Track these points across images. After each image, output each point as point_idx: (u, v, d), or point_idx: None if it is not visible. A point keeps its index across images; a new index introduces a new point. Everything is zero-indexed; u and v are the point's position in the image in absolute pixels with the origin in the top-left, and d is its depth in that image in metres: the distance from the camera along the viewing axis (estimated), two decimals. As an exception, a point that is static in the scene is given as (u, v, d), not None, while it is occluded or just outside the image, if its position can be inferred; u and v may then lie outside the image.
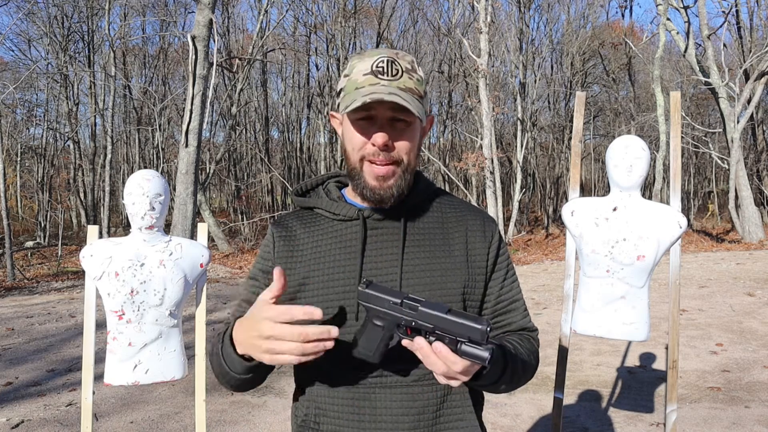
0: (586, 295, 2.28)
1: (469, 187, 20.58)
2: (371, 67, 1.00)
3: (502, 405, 3.99)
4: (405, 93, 0.99)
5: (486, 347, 0.82)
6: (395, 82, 0.99)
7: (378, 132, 1.00)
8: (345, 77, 1.04)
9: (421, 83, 1.04)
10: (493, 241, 1.13)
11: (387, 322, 0.90)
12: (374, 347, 0.92)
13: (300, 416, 1.09)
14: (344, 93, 1.03)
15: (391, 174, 1.02)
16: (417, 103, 1.00)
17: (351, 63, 1.04)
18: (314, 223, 1.12)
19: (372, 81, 0.99)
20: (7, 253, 11.16)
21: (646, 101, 22.57)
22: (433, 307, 0.85)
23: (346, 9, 21.71)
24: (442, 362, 0.84)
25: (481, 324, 0.81)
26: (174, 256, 2.09)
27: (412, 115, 1.00)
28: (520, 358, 1.04)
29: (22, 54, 22.66)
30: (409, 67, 1.03)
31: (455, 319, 0.83)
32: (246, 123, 24.25)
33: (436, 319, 0.84)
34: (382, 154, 1.01)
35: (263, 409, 4.05)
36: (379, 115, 1.00)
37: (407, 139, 1.03)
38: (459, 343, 0.82)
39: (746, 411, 3.75)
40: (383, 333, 0.91)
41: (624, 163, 2.22)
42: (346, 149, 1.06)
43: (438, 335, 0.84)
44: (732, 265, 9.92)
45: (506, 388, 1.02)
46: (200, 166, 11.87)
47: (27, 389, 4.55)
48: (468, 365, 0.84)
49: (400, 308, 0.88)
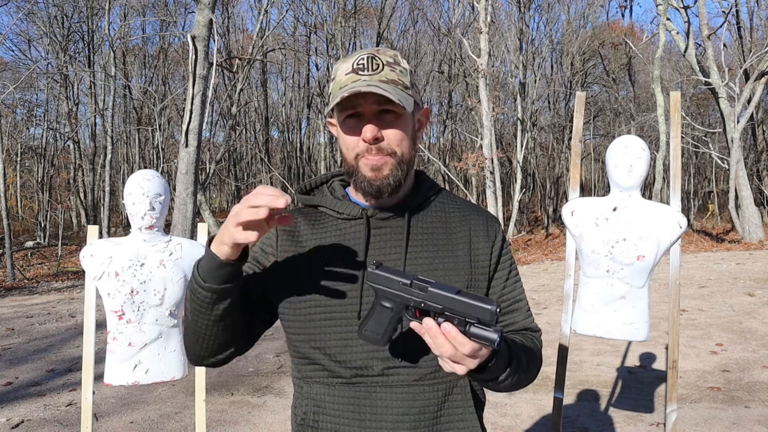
0: (586, 295, 2.28)
1: (469, 187, 20.59)
2: (352, 65, 1.02)
3: (502, 405, 3.99)
4: (386, 84, 1.00)
5: (495, 329, 0.81)
6: (376, 76, 1.01)
7: (365, 126, 1.01)
8: (331, 81, 1.07)
9: (405, 74, 1.04)
10: (496, 241, 1.14)
11: (396, 303, 0.89)
12: (382, 330, 0.91)
13: (299, 415, 1.09)
14: (330, 96, 1.05)
15: (384, 163, 1.03)
16: (401, 92, 1.01)
17: (335, 67, 1.07)
18: (318, 221, 1.12)
19: (353, 78, 1.01)
20: (7, 253, 11.16)
21: (646, 101, 22.57)
22: (442, 288, 0.85)
23: (346, 9, 21.72)
24: (450, 344, 0.83)
25: (491, 305, 0.81)
26: (174, 256, 2.09)
27: (397, 104, 1.01)
28: (525, 353, 1.04)
29: (22, 54, 22.71)
30: (391, 60, 1.04)
31: (465, 299, 0.82)
32: (246, 123, 24.27)
33: (446, 300, 0.84)
34: (374, 148, 1.02)
35: (263, 409, 4.05)
36: (365, 110, 1.01)
37: (398, 129, 1.03)
38: (468, 325, 0.82)
39: (746, 411, 3.75)
40: (392, 315, 0.90)
41: (624, 163, 2.23)
42: (342, 150, 1.08)
43: (447, 317, 0.84)
44: (732, 265, 9.92)
45: (510, 384, 1.00)
46: (200, 166, 11.86)
47: (27, 389, 4.55)
48: (476, 348, 0.83)
49: (409, 289, 0.87)
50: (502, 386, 1.00)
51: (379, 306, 0.91)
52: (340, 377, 1.03)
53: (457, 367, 0.86)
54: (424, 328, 0.85)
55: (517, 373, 1.00)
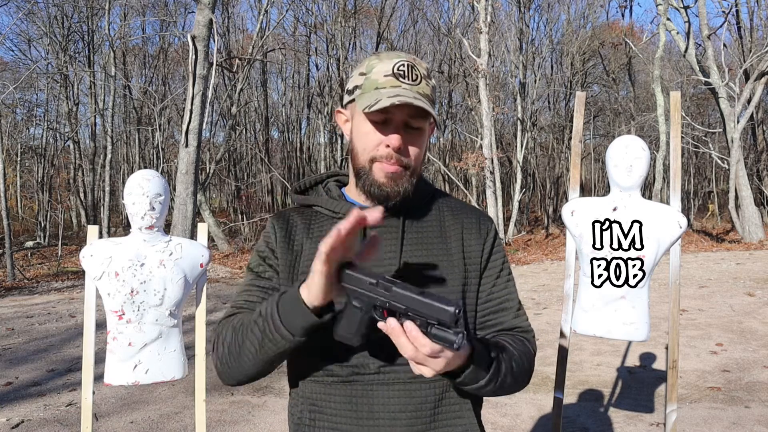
0: (586, 295, 2.28)
1: (469, 187, 20.58)
2: (392, 69, 1.02)
3: (502, 405, 3.99)
4: (423, 98, 1.01)
5: (455, 331, 0.81)
6: (415, 87, 1.01)
7: (393, 134, 1.01)
8: (362, 75, 1.05)
9: (435, 91, 1.07)
10: (488, 238, 1.14)
11: (364, 303, 0.89)
12: (354, 329, 0.91)
13: (296, 414, 1.09)
14: (361, 91, 1.04)
15: (401, 175, 1.04)
16: (432, 103, 1.03)
17: (369, 63, 1.05)
18: (314, 220, 1.12)
19: (393, 83, 1.01)
20: (7, 253, 11.16)
21: (646, 101, 22.57)
22: (405, 288, 0.85)
23: (346, 9, 21.71)
24: (412, 344, 0.82)
25: (451, 306, 0.80)
26: (174, 256, 2.09)
27: (426, 121, 1.03)
28: (511, 360, 1.02)
29: (22, 54, 22.69)
30: (426, 73, 1.05)
31: (426, 300, 0.82)
32: (246, 123, 24.24)
33: (408, 300, 0.84)
34: (395, 156, 1.02)
35: (263, 409, 4.05)
36: (395, 118, 1.01)
37: (418, 146, 1.05)
38: (430, 326, 0.82)
39: (746, 411, 3.75)
40: (361, 315, 0.90)
41: (624, 163, 2.23)
42: (355, 147, 1.07)
43: (410, 317, 0.84)
44: (732, 265, 9.92)
45: (492, 390, 0.98)
46: (200, 166, 11.87)
47: (27, 389, 4.55)
48: (437, 349, 0.82)
49: (375, 288, 0.87)
50: (484, 392, 0.98)
51: (350, 306, 0.91)
52: (337, 376, 1.03)
53: (423, 368, 0.85)
54: (388, 328, 0.85)
55: (499, 379, 0.98)
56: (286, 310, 0.91)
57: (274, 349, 0.94)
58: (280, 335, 0.91)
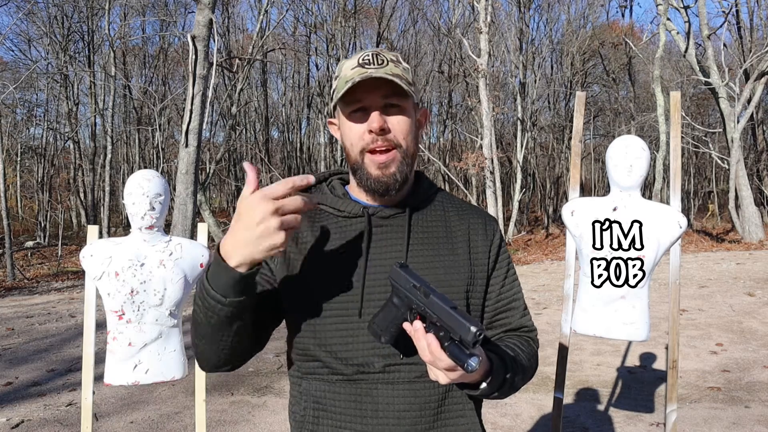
0: (586, 295, 2.28)
1: (469, 187, 20.58)
2: (358, 61, 1.04)
3: (502, 405, 3.99)
4: (393, 77, 1.02)
5: (471, 353, 0.83)
6: (382, 69, 1.02)
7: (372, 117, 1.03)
8: (335, 79, 1.08)
9: (407, 72, 1.07)
10: (494, 240, 1.15)
11: (403, 303, 0.93)
12: (386, 326, 0.96)
13: (298, 412, 1.09)
14: (336, 91, 1.06)
15: (391, 160, 1.04)
16: (407, 83, 1.03)
17: (339, 66, 1.09)
18: (318, 219, 1.12)
19: (360, 71, 1.02)
20: (7, 253, 11.16)
21: (646, 101, 22.57)
22: (441, 299, 0.88)
23: (346, 9, 21.71)
24: (430, 353, 0.86)
25: (475, 326, 0.82)
26: (174, 256, 2.09)
27: (404, 96, 1.03)
28: (523, 371, 1.06)
29: (22, 54, 22.71)
30: (394, 58, 1.06)
31: (455, 314, 0.85)
32: (246, 123, 24.26)
33: (440, 310, 0.87)
34: (380, 139, 1.03)
35: (263, 409, 4.05)
36: (371, 104, 1.03)
37: (403, 122, 1.05)
38: (450, 341, 0.85)
39: (746, 411, 3.75)
40: (397, 313, 0.94)
41: (624, 163, 2.23)
42: (346, 147, 1.08)
43: (438, 327, 0.87)
44: (732, 265, 9.92)
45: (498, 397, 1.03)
46: (200, 166, 11.86)
47: (27, 389, 4.55)
48: (451, 365, 0.85)
49: (416, 291, 0.91)
50: (490, 398, 1.03)
51: (391, 303, 0.95)
52: (341, 374, 1.03)
53: (439, 375, 0.89)
54: (413, 330, 0.89)
55: (507, 389, 1.02)
56: (212, 273, 0.90)
57: (215, 318, 0.92)
58: (214, 300, 0.90)
